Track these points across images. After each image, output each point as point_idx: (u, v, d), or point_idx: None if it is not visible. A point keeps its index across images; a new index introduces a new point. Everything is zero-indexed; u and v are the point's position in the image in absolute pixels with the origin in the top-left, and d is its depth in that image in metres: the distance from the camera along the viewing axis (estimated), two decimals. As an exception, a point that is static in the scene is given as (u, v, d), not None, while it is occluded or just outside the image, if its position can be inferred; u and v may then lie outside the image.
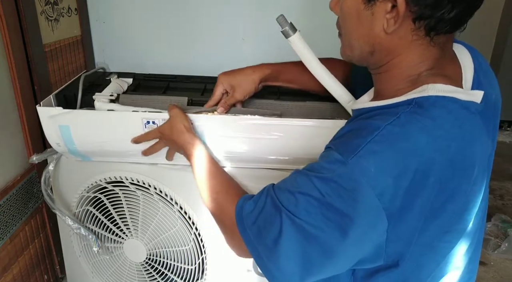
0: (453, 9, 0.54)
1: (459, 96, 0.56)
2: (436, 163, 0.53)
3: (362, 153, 0.53)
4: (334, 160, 0.55)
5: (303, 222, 0.56)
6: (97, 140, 0.96)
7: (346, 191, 0.53)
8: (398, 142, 0.53)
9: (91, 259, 1.21)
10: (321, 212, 0.55)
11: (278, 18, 0.80)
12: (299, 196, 0.57)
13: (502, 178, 2.61)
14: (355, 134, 0.57)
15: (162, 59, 1.79)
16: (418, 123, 0.54)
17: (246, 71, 0.94)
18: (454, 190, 0.56)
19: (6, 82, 1.16)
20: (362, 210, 0.53)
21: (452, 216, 0.58)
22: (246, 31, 1.74)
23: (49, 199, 1.09)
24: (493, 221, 2.03)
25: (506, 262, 1.86)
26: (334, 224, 0.54)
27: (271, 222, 0.59)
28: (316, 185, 0.56)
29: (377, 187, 0.52)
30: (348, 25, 0.63)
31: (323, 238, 0.55)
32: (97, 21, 1.74)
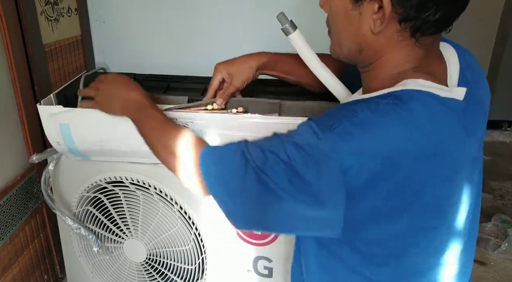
0: (437, 11, 0.56)
1: (438, 92, 0.58)
2: (408, 153, 0.55)
3: (337, 131, 0.55)
4: (310, 130, 0.57)
5: (267, 177, 0.57)
6: (97, 139, 0.96)
7: (313, 161, 0.55)
8: (374, 127, 0.55)
9: (91, 259, 1.21)
10: (285, 174, 0.56)
11: (278, 15, 0.81)
12: (268, 154, 0.58)
13: (502, 178, 2.61)
14: (336, 115, 0.59)
15: (162, 59, 1.79)
16: (395, 114, 0.55)
17: (243, 58, 0.95)
18: (425, 183, 0.57)
19: (6, 82, 1.16)
20: (324, 182, 0.55)
21: (426, 210, 0.59)
22: (246, 31, 1.74)
23: (49, 199, 1.09)
24: (493, 221, 2.03)
25: (506, 262, 1.86)
26: (294, 188, 0.56)
27: (237, 169, 0.61)
28: (286, 149, 0.57)
29: (344, 163, 0.54)
30: (336, 24, 0.65)
31: (282, 197, 0.57)
32: (97, 21, 1.74)
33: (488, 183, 2.53)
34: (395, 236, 0.61)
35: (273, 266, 1.07)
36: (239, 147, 0.63)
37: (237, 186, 0.61)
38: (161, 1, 1.71)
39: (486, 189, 2.47)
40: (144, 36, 1.78)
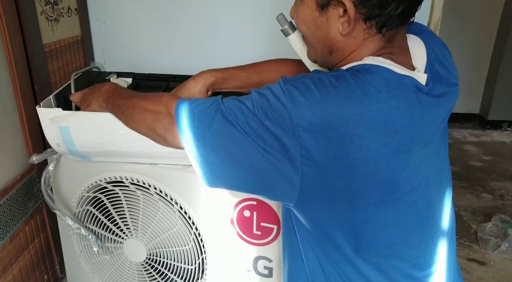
0: (399, 6, 0.59)
1: (395, 69, 0.61)
2: (356, 116, 0.58)
3: (298, 84, 0.60)
4: (277, 84, 0.62)
5: (233, 120, 0.62)
6: (97, 141, 0.96)
7: (271, 110, 0.60)
8: (328, 86, 0.59)
9: (91, 259, 1.21)
10: (246, 120, 0.61)
11: (277, 16, 0.81)
12: (236, 102, 0.63)
13: (502, 178, 2.61)
14: (303, 74, 0.64)
15: (162, 59, 1.79)
16: (351, 80, 0.60)
17: (190, 84, 0.96)
18: (376, 150, 0.59)
19: (6, 82, 1.16)
20: (280, 131, 0.59)
21: (380, 180, 0.60)
22: (246, 31, 1.74)
23: (49, 199, 1.09)
24: (493, 221, 2.03)
25: (506, 262, 1.86)
26: (254, 134, 0.60)
27: (208, 111, 0.64)
28: (252, 97, 0.62)
29: (298, 116, 0.58)
30: (307, 31, 0.69)
31: (243, 142, 0.61)
32: (97, 21, 1.74)
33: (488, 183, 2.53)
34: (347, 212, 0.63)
35: (273, 266, 1.07)
36: (213, 97, 0.67)
37: (204, 129, 0.64)
38: (161, 1, 1.71)
39: (486, 189, 2.47)
40: (144, 36, 1.78)
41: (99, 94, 0.88)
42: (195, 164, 0.67)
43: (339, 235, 0.65)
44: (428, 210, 0.68)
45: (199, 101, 0.67)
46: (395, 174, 0.61)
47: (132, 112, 0.77)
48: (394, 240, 0.66)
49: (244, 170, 0.64)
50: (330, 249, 0.67)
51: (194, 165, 0.67)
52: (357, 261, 0.66)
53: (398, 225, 0.65)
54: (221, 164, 0.65)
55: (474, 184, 2.54)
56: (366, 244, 0.65)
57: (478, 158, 2.86)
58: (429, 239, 0.69)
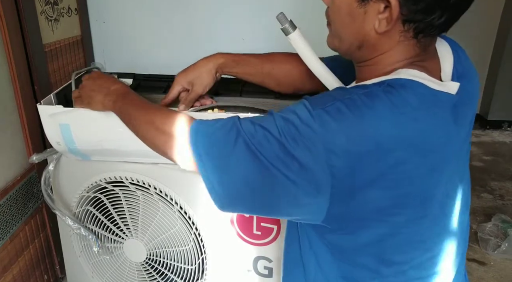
0: (443, 15, 0.56)
1: (430, 84, 0.58)
2: (395, 138, 0.55)
3: (329, 109, 0.56)
4: (302, 107, 0.58)
5: (256, 150, 0.57)
6: (97, 139, 0.96)
7: (301, 138, 0.55)
8: (363, 108, 0.55)
9: (91, 259, 1.21)
10: (273, 149, 0.56)
11: (278, 15, 0.81)
12: (258, 128, 0.58)
13: (502, 178, 2.61)
14: (330, 94, 0.60)
15: (162, 59, 1.79)
16: (385, 98, 0.56)
17: (200, 63, 0.95)
18: (411, 171, 0.57)
19: (6, 82, 1.16)
20: (311, 160, 0.55)
21: (412, 200, 0.59)
22: (246, 31, 1.74)
23: (49, 199, 1.09)
24: (493, 221, 2.03)
25: (506, 262, 1.86)
26: (282, 164, 0.56)
27: (226, 140, 0.60)
28: (277, 124, 0.57)
29: (331, 142, 0.54)
30: (338, 19, 0.64)
31: (269, 170, 0.57)
32: (97, 21, 1.74)
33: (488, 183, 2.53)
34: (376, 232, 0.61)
35: (273, 266, 1.07)
36: (230, 119, 0.62)
37: (224, 157, 0.60)
38: (161, 1, 1.71)
39: (486, 189, 2.47)
40: (144, 36, 1.78)
41: (107, 92, 0.83)
42: (209, 187, 0.62)
43: (360, 248, 0.64)
44: (450, 221, 0.67)
45: (216, 125, 0.62)
46: (427, 192, 0.60)
47: (143, 127, 0.73)
48: (418, 253, 0.65)
49: (265, 199, 0.60)
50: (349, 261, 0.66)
51: (208, 188, 0.63)
52: (377, 273, 0.65)
53: (422, 239, 0.64)
54: (239, 191, 0.61)
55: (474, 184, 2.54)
56: (388, 258, 0.64)
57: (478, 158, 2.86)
58: (446, 250, 0.68)
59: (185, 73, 0.95)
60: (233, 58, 0.94)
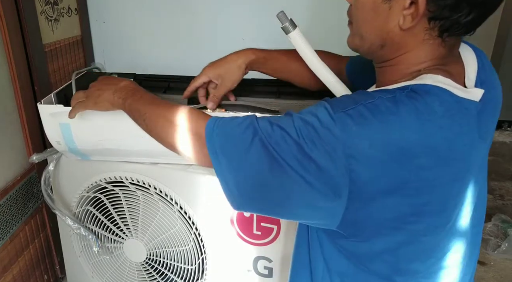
0: (470, 13, 0.55)
1: (455, 91, 0.57)
2: (419, 145, 0.53)
3: (350, 112, 0.54)
4: (323, 109, 0.56)
5: (273, 150, 0.56)
6: (97, 138, 0.96)
7: (320, 140, 0.54)
8: (387, 114, 0.54)
9: (91, 259, 1.21)
10: (292, 151, 0.55)
11: (278, 14, 0.81)
12: (276, 128, 0.57)
13: (502, 178, 2.61)
14: (353, 97, 0.58)
15: (162, 60, 1.79)
16: (410, 104, 0.54)
17: (231, 57, 0.93)
18: (434, 180, 0.55)
19: (6, 82, 1.16)
20: (330, 164, 0.53)
21: (431, 209, 0.58)
22: (246, 31, 1.74)
23: (49, 199, 1.09)
24: (493, 221, 2.03)
25: (506, 262, 1.86)
26: (299, 165, 0.54)
27: (243, 138, 0.59)
28: (295, 125, 0.56)
29: (352, 147, 0.53)
30: (361, 16, 0.62)
31: (286, 172, 0.55)
32: (97, 21, 1.74)
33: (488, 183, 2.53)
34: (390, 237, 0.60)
35: (273, 266, 1.07)
36: (247, 118, 0.61)
37: (240, 155, 0.58)
38: (161, 1, 1.71)
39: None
40: (144, 36, 1.78)
41: (116, 89, 0.79)
42: (224, 187, 0.61)
43: (377, 257, 0.63)
44: (466, 233, 0.66)
45: (232, 122, 0.61)
46: (447, 202, 0.59)
47: (155, 123, 0.71)
48: (432, 261, 0.64)
49: (280, 200, 0.59)
50: (361, 266, 0.65)
51: (223, 186, 0.61)
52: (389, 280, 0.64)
53: (437, 248, 0.63)
54: (254, 191, 0.59)
55: (474, 184, 2.54)
56: (403, 266, 0.63)
57: (478, 158, 2.87)
58: (459, 259, 0.67)
59: (214, 66, 0.93)
60: (263, 54, 0.93)
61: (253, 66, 0.94)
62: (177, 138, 0.67)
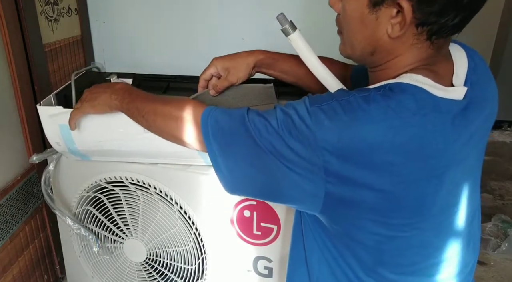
0: (457, 16, 0.56)
1: (432, 90, 0.58)
2: (386, 142, 0.55)
3: (324, 107, 0.58)
4: (301, 102, 0.61)
5: (256, 138, 0.61)
6: (97, 139, 0.96)
7: (296, 131, 0.58)
8: (358, 110, 0.56)
9: (91, 259, 1.21)
10: (271, 138, 0.60)
11: (278, 16, 0.81)
12: (261, 118, 0.62)
13: (502, 178, 2.61)
14: (330, 94, 0.62)
15: (162, 59, 1.79)
16: (382, 102, 0.56)
17: (241, 55, 0.94)
18: (407, 175, 0.56)
19: (6, 82, 1.16)
20: (305, 152, 0.57)
21: (408, 204, 0.59)
22: (246, 31, 1.74)
23: (49, 199, 1.09)
24: (493, 221, 2.03)
25: (506, 262, 1.86)
26: (278, 153, 0.59)
27: (233, 124, 0.65)
28: (277, 116, 0.61)
29: (323, 140, 0.56)
30: (350, 27, 0.64)
31: (267, 156, 0.60)
32: (97, 21, 1.74)
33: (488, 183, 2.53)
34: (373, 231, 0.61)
35: (273, 266, 1.07)
36: (240, 109, 0.66)
37: (230, 142, 0.64)
38: (161, 1, 1.71)
39: (486, 189, 2.47)
40: (144, 36, 1.78)
41: (112, 91, 0.82)
42: (217, 171, 0.67)
43: (360, 246, 0.64)
44: (454, 229, 0.66)
45: (225, 113, 0.67)
46: (425, 198, 0.59)
47: (154, 117, 0.75)
48: (416, 259, 0.65)
49: (266, 183, 0.63)
50: (349, 256, 0.66)
51: (217, 171, 0.67)
52: (375, 273, 0.65)
53: (422, 245, 0.64)
54: (243, 175, 0.65)
55: (474, 184, 2.54)
56: (388, 259, 0.64)
57: (478, 158, 2.86)
58: (449, 258, 0.67)
59: (224, 59, 0.95)
60: (272, 56, 0.95)
61: (262, 66, 0.95)
62: (177, 128, 0.72)
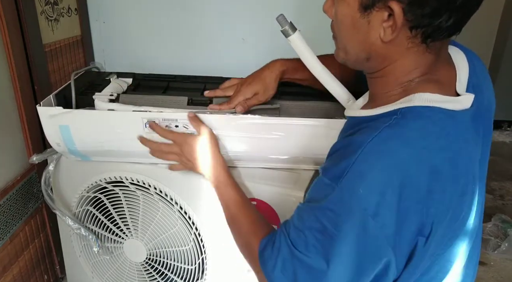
0: (450, 18, 0.54)
1: (445, 106, 0.56)
2: (422, 174, 0.53)
3: (348, 175, 0.54)
4: (325, 186, 0.56)
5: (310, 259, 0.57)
6: (97, 140, 0.96)
7: (340, 218, 0.54)
8: (381, 159, 0.53)
9: (91, 259, 1.21)
10: (322, 245, 0.55)
11: (278, 17, 0.81)
12: (307, 232, 0.58)
13: (502, 178, 2.61)
14: (341, 155, 0.57)
15: (162, 59, 1.79)
16: (400, 136, 0.54)
17: (265, 74, 0.93)
18: (444, 202, 0.55)
19: (6, 82, 1.16)
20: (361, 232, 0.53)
21: (445, 230, 0.57)
22: (246, 31, 1.74)
23: (49, 199, 1.09)
24: (493, 221, 2.02)
25: (506, 262, 1.86)
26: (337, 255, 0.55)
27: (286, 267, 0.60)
28: (317, 216, 0.56)
29: (368, 207, 0.52)
30: (343, 32, 0.63)
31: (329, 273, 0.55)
32: (97, 21, 1.74)
33: (488, 183, 2.53)
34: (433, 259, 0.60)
35: (273, 266, 1.07)
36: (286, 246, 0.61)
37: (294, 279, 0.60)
38: (161, 1, 1.71)
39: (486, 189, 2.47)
40: (144, 36, 1.78)
41: (213, 172, 0.88)
42: None
43: None
44: (471, 235, 0.66)
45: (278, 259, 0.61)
46: (459, 217, 0.58)
47: (232, 225, 0.84)
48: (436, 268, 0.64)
49: None
50: None
51: None
52: None
53: (450, 259, 0.63)
54: None
55: (474, 184, 2.53)
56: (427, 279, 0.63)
57: (478, 158, 2.86)
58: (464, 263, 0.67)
59: (251, 85, 0.93)
60: (292, 65, 0.94)
61: (285, 76, 0.95)
62: (241, 249, 0.80)
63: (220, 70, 0.98)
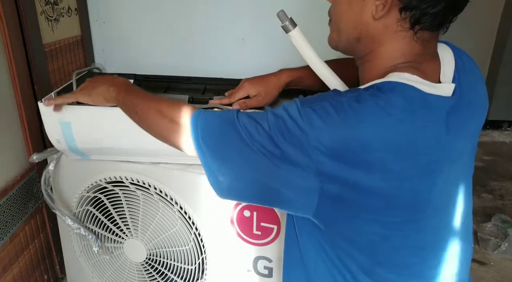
0: (436, 5, 0.58)
1: (420, 87, 0.59)
2: (377, 139, 0.56)
3: (316, 107, 0.58)
4: (293, 104, 0.61)
5: (248, 140, 0.61)
6: (97, 137, 0.96)
7: (288, 132, 0.59)
8: (348, 110, 0.57)
9: (91, 259, 1.21)
10: (261, 140, 0.60)
11: (278, 13, 0.81)
12: (252, 120, 0.63)
13: (502, 178, 2.61)
14: (321, 95, 0.62)
15: (162, 60, 1.79)
16: (370, 101, 0.57)
17: (271, 79, 0.97)
18: (400, 172, 0.57)
19: (6, 82, 1.16)
20: (296, 154, 0.58)
21: (402, 202, 0.59)
22: (246, 31, 1.74)
23: (49, 199, 1.09)
24: (493, 221, 2.02)
25: (506, 262, 1.86)
26: (271, 154, 0.60)
27: (222, 129, 0.65)
28: (268, 118, 0.61)
29: (315, 139, 0.57)
30: (338, 9, 0.67)
31: (260, 160, 0.61)
32: (97, 21, 1.74)
33: (488, 183, 2.53)
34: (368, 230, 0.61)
35: (273, 266, 1.07)
36: (230, 111, 0.66)
37: (220, 145, 0.64)
38: (161, 1, 1.71)
39: (486, 189, 2.47)
40: (144, 36, 1.78)
41: (110, 84, 0.85)
42: (208, 174, 0.67)
43: (355, 246, 0.64)
44: (450, 229, 0.66)
45: (215, 115, 0.67)
46: (418, 196, 0.60)
47: (146, 115, 0.76)
48: (413, 260, 0.65)
49: (259, 185, 0.63)
50: (345, 256, 0.66)
51: (208, 175, 0.67)
52: (373, 273, 0.65)
53: (418, 246, 0.64)
54: (235, 177, 0.65)
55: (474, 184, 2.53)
56: (383, 259, 0.64)
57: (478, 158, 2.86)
58: (448, 259, 0.67)
59: (255, 84, 0.97)
60: (298, 74, 0.98)
61: (290, 85, 0.99)
62: (167, 129, 0.73)
63: (220, 70, 0.98)
